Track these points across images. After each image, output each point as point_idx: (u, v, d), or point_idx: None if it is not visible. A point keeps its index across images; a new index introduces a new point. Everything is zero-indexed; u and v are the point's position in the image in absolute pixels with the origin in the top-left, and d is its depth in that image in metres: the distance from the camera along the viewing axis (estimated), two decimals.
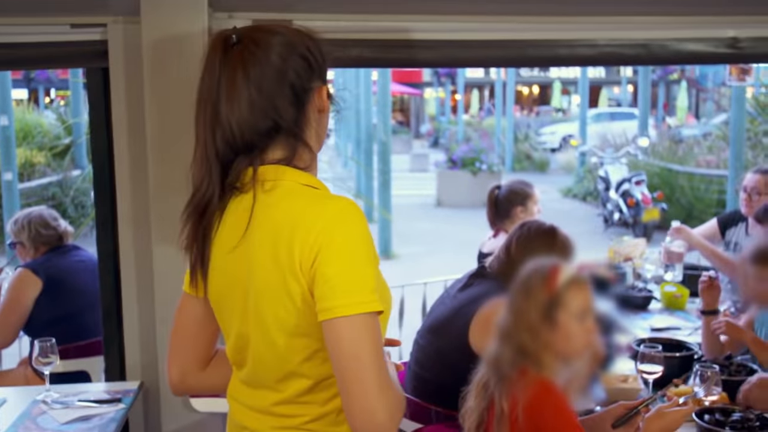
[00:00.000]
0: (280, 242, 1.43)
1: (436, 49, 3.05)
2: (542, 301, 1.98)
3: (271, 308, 1.48)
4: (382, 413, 1.38)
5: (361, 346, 1.38)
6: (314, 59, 1.56)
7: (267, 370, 1.54)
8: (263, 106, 1.49)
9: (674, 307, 3.85)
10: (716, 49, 3.01)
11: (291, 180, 1.50)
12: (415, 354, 2.87)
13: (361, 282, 1.40)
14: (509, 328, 2.01)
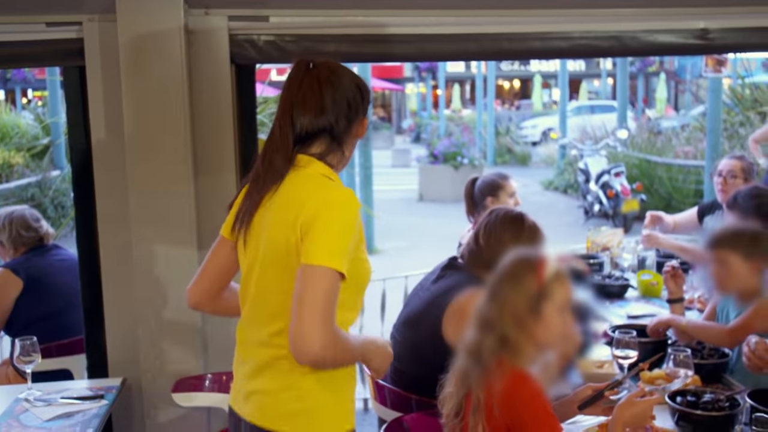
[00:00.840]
0: (292, 208, 1.94)
1: (411, 44, 3.08)
2: (531, 292, 2.01)
3: (274, 252, 1.96)
4: (316, 343, 1.80)
5: (316, 287, 1.83)
6: (364, 94, 2.11)
7: (263, 304, 2.01)
8: (327, 110, 2.02)
9: (650, 294, 3.91)
10: (687, 40, 3.06)
11: (315, 168, 2.02)
12: (392, 348, 2.90)
13: (334, 248, 1.87)
14: (493, 317, 2.02)
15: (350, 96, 2.05)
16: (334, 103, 2.02)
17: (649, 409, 2.10)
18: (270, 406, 2.00)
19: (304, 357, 1.84)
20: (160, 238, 2.95)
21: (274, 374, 2.00)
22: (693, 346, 2.90)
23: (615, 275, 4.14)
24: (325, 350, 1.82)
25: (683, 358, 2.57)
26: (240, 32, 2.95)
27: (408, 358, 2.76)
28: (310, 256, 1.85)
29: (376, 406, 2.90)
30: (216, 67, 2.97)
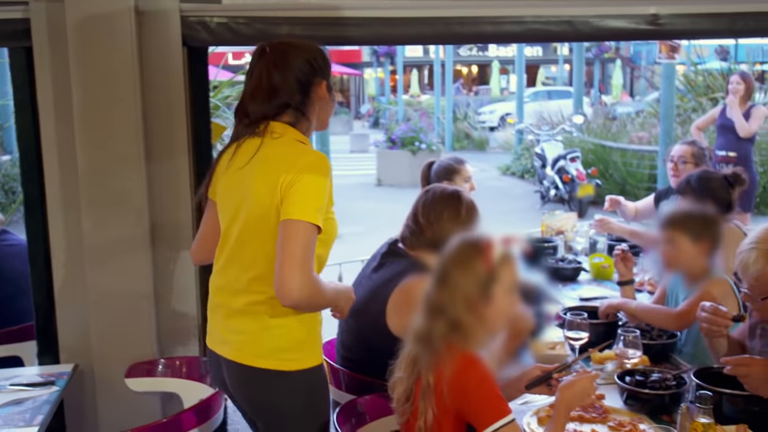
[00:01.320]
0: (273, 170, 2.21)
1: (366, 27, 3.07)
2: (482, 275, 2.03)
3: (257, 210, 2.24)
4: (296, 288, 2.08)
5: (295, 239, 2.12)
6: (316, 63, 2.33)
7: (243, 255, 2.28)
8: (280, 93, 2.29)
9: (602, 277, 3.97)
10: (638, 26, 3.10)
11: (290, 135, 2.30)
12: (339, 337, 2.91)
13: (311, 205, 2.16)
14: (443, 302, 2.03)
15: (300, 73, 2.30)
16: (285, 83, 2.29)
17: (588, 387, 2.11)
18: (250, 345, 2.27)
19: (287, 299, 2.11)
20: (111, 221, 2.92)
21: (253, 317, 2.27)
22: (642, 327, 2.96)
23: (568, 258, 4.20)
24: (304, 292, 2.10)
25: (632, 338, 2.63)
26: (192, 14, 2.91)
27: (356, 349, 2.78)
28: (291, 212, 2.15)
29: (332, 390, 2.90)
30: (167, 49, 2.93)
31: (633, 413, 2.36)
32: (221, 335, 2.36)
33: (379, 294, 2.69)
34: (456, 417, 1.99)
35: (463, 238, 2.12)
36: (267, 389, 2.29)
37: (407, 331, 2.14)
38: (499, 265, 2.05)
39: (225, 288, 2.35)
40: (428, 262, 2.51)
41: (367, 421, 2.52)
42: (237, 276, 2.30)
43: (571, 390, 2.08)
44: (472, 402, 1.96)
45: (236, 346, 2.30)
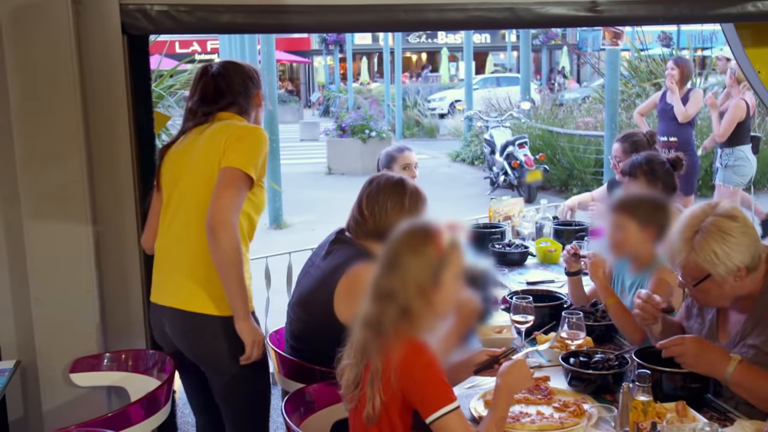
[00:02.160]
0: (215, 140, 2.64)
1: (309, 14, 3.06)
2: (433, 261, 2.04)
3: (202, 169, 2.62)
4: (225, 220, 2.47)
5: (231, 181, 2.54)
6: (255, 80, 2.90)
7: (186, 216, 2.64)
8: (226, 95, 2.79)
9: (548, 261, 4.04)
10: (577, 13, 3.14)
11: (234, 119, 2.76)
12: (288, 327, 2.90)
13: (248, 159, 2.58)
14: (394, 288, 2.03)
15: (240, 86, 2.82)
16: (229, 88, 2.79)
17: (525, 369, 2.14)
18: (196, 294, 2.60)
19: (214, 231, 2.46)
20: (52, 214, 2.85)
21: (198, 270, 2.60)
22: (586, 309, 3.02)
23: (515, 243, 4.25)
24: (228, 228, 2.47)
25: (576, 320, 2.67)
26: (131, 2, 2.86)
27: (305, 338, 2.77)
28: (229, 161, 2.57)
29: (281, 379, 2.90)
30: (107, 37, 2.88)
31: (577, 393, 2.41)
32: (168, 289, 2.68)
33: (327, 282, 2.69)
34: (403, 403, 2.00)
35: (413, 224, 2.13)
36: (213, 333, 2.60)
37: (355, 317, 2.14)
38: (448, 250, 2.07)
39: (171, 247, 2.70)
40: (374, 250, 2.52)
41: (316, 409, 2.53)
42: (182, 233, 2.65)
43: (511, 375, 2.11)
44: (418, 388, 1.97)
45: (183, 297, 2.62)
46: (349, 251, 2.75)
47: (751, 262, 2.32)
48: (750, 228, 2.37)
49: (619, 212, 2.94)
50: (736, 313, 2.47)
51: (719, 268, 2.29)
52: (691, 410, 2.17)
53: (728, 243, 2.29)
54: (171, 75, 4.36)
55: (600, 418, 2.08)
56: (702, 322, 2.59)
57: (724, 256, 2.28)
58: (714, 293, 2.36)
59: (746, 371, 2.24)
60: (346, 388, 2.12)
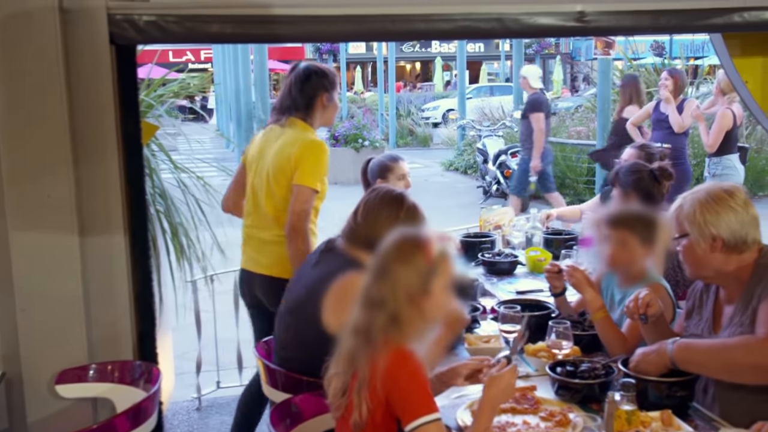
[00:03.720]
0: (287, 150, 3.51)
1: (297, 25, 3.05)
2: (423, 270, 2.06)
3: (278, 176, 3.52)
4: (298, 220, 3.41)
5: (302, 197, 3.42)
6: (317, 81, 3.61)
7: (268, 200, 3.59)
8: (292, 100, 3.63)
9: (538, 270, 4.02)
10: (565, 23, 3.15)
11: (299, 127, 3.60)
12: (277, 336, 2.90)
13: (311, 176, 3.44)
14: (384, 296, 2.05)
15: (305, 86, 3.59)
16: (295, 93, 3.62)
17: (510, 382, 2.14)
18: (278, 263, 3.54)
19: (290, 237, 3.42)
20: (39, 225, 2.84)
21: (277, 245, 3.53)
22: (574, 318, 3.02)
23: (505, 252, 4.25)
24: (300, 234, 3.40)
25: (563, 330, 2.68)
26: (119, 12, 2.85)
27: (293, 346, 2.77)
28: (299, 179, 3.43)
29: (268, 390, 2.89)
30: (94, 48, 2.86)
31: (563, 403, 2.41)
32: (256, 258, 3.66)
33: (317, 291, 2.69)
34: (388, 410, 2.01)
35: (403, 233, 2.15)
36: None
37: (344, 325, 2.15)
38: (438, 260, 2.08)
39: (256, 225, 3.66)
40: (364, 260, 2.52)
41: (303, 419, 2.52)
42: (264, 222, 3.61)
43: (497, 387, 2.11)
44: (401, 396, 1.97)
45: (267, 265, 3.60)
46: (338, 261, 2.76)
47: (730, 238, 2.43)
48: (743, 209, 2.47)
49: (620, 227, 2.90)
50: (729, 306, 2.53)
51: (695, 229, 2.46)
52: (676, 419, 2.18)
53: (712, 211, 2.44)
54: (162, 84, 4.35)
55: (585, 427, 2.09)
56: (700, 319, 2.66)
57: (702, 220, 2.44)
58: (689, 255, 2.51)
59: (683, 348, 2.35)
60: (334, 396, 2.13)
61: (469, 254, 4.22)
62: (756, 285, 2.43)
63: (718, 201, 2.46)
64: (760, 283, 2.42)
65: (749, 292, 2.44)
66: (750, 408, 2.30)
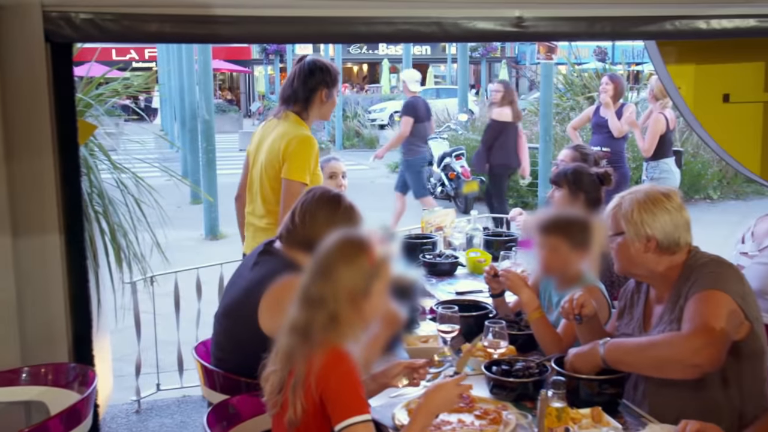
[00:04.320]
0: (277, 144, 3.69)
1: (238, 25, 3.04)
2: (366, 271, 2.09)
3: (269, 168, 3.71)
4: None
5: (292, 191, 3.55)
6: (319, 76, 3.79)
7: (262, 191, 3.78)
8: (292, 91, 3.82)
9: (478, 271, 4.07)
10: (503, 28, 3.20)
11: (293, 120, 3.78)
12: (214, 338, 2.88)
13: (299, 170, 3.61)
14: (324, 295, 2.06)
15: (306, 80, 3.77)
16: (303, 89, 3.79)
17: (452, 392, 2.16)
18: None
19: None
20: None
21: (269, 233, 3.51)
22: (511, 318, 3.07)
23: (445, 254, 4.29)
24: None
25: (499, 329, 2.72)
26: (54, 9, 2.80)
27: (230, 349, 2.76)
28: (288, 173, 3.62)
29: (206, 391, 2.88)
30: (29, 45, 2.81)
31: (498, 401, 2.45)
32: (252, 245, 3.70)
33: (253, 293, 2.69)
34: (322, 409, 2.03)
35: (346, 234, 2.17)
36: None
37: (281, 326, 2.15)
38: (380, 262, 2.11)
39: (253, 213, 3.86)
40: (302, 262, 2.53)
41: (241, 420, 2.52)
42: (260, 206, 3.80)
43: (439, 394, 2.14)
44: (334, 395, 1.99)
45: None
46: (276, 263, 2.76)
47: (663, 239, 2.51)
48: (677, 212, 2.55)
49: (551, 233, 2.94)
50: (659, 306, 2.61)
51: (631, 227, 2.52)
52: (605, 416, 2.24)
53: (648, 212, 2.52)
54: (101, 83, 4.29)
55: (518, 424, 2.13)
56: (631, 319, 2.73)
57: (639, 220, 2.51)
58: (623, 254, 2.58)
59: (613, 347, 2.42)
60: (270, 393, 2.14)
61: (410, 255, 4.26)
62: (683, 284, 2.51)
63: (655, 202, 2.54)
64: (687, 282, 2.50)
65: (677, 292, 2.52)
66: (678, 405, 2.38)
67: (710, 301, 2.39)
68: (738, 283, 2.48)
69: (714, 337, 2.31)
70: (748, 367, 2.48)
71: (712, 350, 2.30)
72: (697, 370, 2.33)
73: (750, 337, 2.46)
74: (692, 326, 2.35)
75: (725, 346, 2.34)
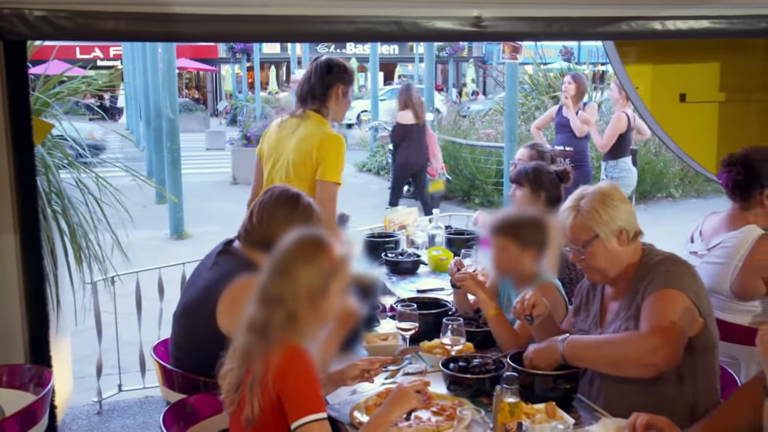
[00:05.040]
0: (307, 144, 3.68)
1: (197, 24, 3.02)
2: (325, 270, 2.10)
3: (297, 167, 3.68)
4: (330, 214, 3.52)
5: (329, 192, 3.61)
6: (336, 73, 3.78)
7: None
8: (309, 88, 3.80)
9: (440, 269, 4.10)
10: (462, 27, 3.22)
11: (316, 119, 3.77)
12: (172, 338, 2.87)
13: (335, 169, 3.63)
14: (283, 294, 2.06)
15: (322, 77, 3.76)
16: (313, 84, 3.78)
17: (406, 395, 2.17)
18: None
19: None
20: None
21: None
22: (469, 316, 3.10)
23: (408, 252, 4.31)
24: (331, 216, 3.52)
25: (456, 327, 2.74)
26: (7, 6, 2.76)
27: (188, 348, 2.75)
28: (324, 175, 3.60)
29: (165, 391, 2.86)
30: None
31: (455, 397, 2.47)
32: None
33: (211, 293, 2.68)
34: (279, 406, 2.03)
35: (305, 233, 2.18)
36: None
37: (239, 324, 2.15)
38: (339, 262, 2.12)
39: None
40: (260, 262, 2.53)
41: (199, 419, 2.51)
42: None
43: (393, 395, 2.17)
44: (290, 393, 2.00)
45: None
46: (234, 262, 2.75)
47: (630, 229, 2.58)
48: (626, 203, 2.63)
49: (501, 235, 2.96)
50: (614, 302, 2.66)
51: (603, 227, 2.55)
52: (559, 410, 2.27)
53: (610, 206, 2.57)
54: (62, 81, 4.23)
55: (473, 419, 2.15)
56: (587, 316, 2.77)
57: (607, 216, 2.55)
58: (601, 256, 2.58)
59: (573, 344, 2.47)
60: (227, 391, 2.14)
61: (373, 254, 4.28)
62: (639, 282, 2.55)
63: (610, 197, 2.60)
64: (643, 280, 2.55)
65: (634, 289, 2.56)
66: (632, 400, 2.41)
67: (666, 299, 2.44)
68: (692, 280, 2.54)
69: (671, 336, 2.36)
70: (701, 362, 2.53)
71: (669, 349, 2.35)
72: (654, 369, 2.38)
73: (703, 333, 2.51)
74: (649, 325, 2.39)
75: (682, 344, 2.39)
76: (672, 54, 4.22)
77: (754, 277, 3.17)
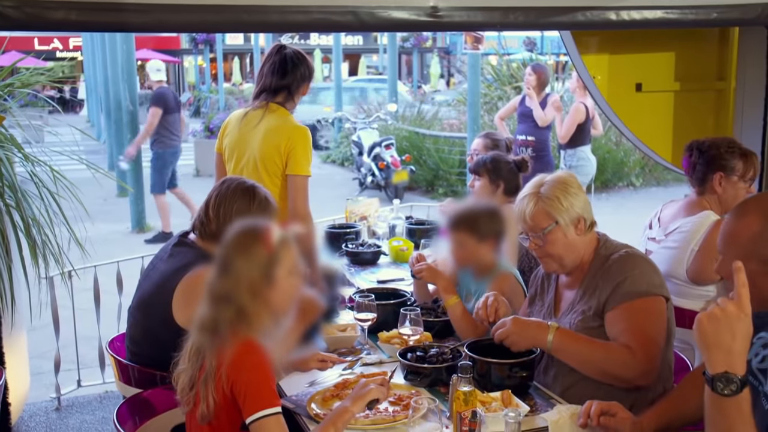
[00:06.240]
0: (274, 139, 3.55)
1: (147, 13, 2.97)
2: (262, 260, 2.06)
3: (265, 161, 3.56)
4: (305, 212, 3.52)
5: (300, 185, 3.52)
6: (305, 68, 3.71)
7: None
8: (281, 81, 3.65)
9: (401, 260, 4.11)
10: (419, 17, 3.21)
11: (281, 113, 3.63)
12: (128, 331, 2.84)
13: (304, 163, 3.54)
14: (228, 290, 2.05)
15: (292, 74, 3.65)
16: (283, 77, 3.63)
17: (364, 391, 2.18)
18: None
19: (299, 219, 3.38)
20: None
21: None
22: (428, 306, 3.10)
23: (368, 243, 4.31)
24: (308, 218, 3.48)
25: (414, 316, 2.75)
26: None
27: (144, 342, 2.73)
28: (293, 169, 3.52)
29: (121, 386, 2.83)
30: None
31: (412, 387, 2.48)
32: None
33: (166, 286, 2.65)
34: (233, 403, 2.01)
35: (242, 225, 2.15)
36: None
37: (193, 320, 2.13)
38: (278, 248, 2.08)
39: None
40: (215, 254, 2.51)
41: (155, 413, 2.49)
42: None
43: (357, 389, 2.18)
44: (244, 388, 1.98)
45: None
46: (189, 255, 2.73)
47: (588, 217, 2.59)
48: (584, 192, 2.65)
49: (457, 229, 2.98)
50: (569, 291, 2.67)
51: (563, 214, 2.55)
52: (515, 398, 2.28)
53: (569, 193, 2.57)
54: (11, 73, 4.15)
55: (429, 408, 2.16)
56: (542, 304, 2.78)
57: (567, 203, 2.55)
58: (560, 244, 2.57)
59: (564, 336, 2.45)
60: (182, 391, 2.12)
61: (333, 245, 4.27)
62: (596, 274, 2.56)
63: (570, 185, 2.60)
64: (599, 272, 2.55)
65: (592, 282, 2.55)
66: (588, 387, 2.43)
67: (649, 311, 2.45)
68: (656, 275, 2.54)
69: (658, 354, 2.42)
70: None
71: (643, 367, 2.38)
72: (625, 384, 2.42)
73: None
74: (641, 347, 2.38)
75: (657, 360, 2.44)
76: (628, 44, 4.26)
77: (709, 261, 3.21)
